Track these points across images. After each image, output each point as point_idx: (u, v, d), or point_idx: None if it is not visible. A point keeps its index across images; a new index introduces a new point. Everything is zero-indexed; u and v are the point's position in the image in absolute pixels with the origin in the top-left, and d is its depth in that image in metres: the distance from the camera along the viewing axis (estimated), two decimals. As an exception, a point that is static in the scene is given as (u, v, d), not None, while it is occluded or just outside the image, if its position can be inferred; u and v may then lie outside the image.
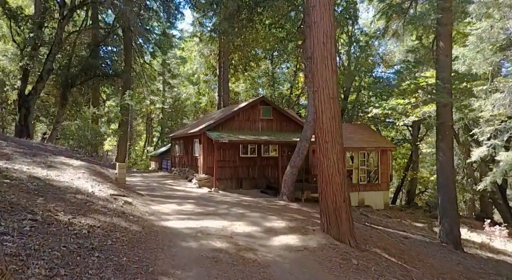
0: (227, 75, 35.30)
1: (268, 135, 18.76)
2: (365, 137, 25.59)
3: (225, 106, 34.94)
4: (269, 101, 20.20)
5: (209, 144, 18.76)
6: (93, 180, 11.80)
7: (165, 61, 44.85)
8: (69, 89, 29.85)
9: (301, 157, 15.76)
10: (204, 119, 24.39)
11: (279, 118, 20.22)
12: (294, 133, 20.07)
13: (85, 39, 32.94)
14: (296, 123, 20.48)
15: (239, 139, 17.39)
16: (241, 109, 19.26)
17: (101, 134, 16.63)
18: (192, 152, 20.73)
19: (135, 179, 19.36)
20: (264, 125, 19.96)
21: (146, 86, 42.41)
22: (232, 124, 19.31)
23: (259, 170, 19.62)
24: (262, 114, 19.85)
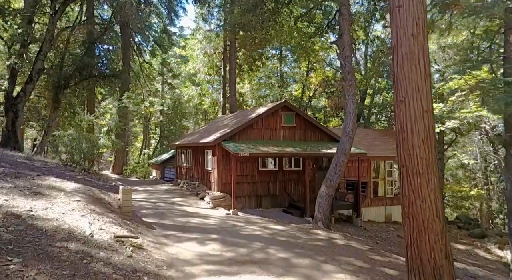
0: (234, 76, 32.73)
1: (292, 146, 16.25)
2: (391, 145, 23.16)
3: (232, 109, 32.39)
4: (292, 106, 17.68)
5: (224, 156, 16.23)
6: (91, 212, 9.22)
7: (165, 60, 42.18)
8: (61, 90, 27.13)
9: (339, 175, 13.27)
10: (213, 126, 21.82)
11: (303, 126, 17.72)
12: (320, 142, 17.57)
13: (79, 36, 30.19)
14: (321, 131, 17.98)
15: (261, 151, 14.86)
16: (260, 116, 16.72)
17: (99, 146, 14.03)
18: (203, 164, 18.16)
19: (139, 197, 16.75)
20: (286, 133, 17.44)
21: (145, 87, 39.77)
22: (250, 133, 16.78)
23: (280, 185, 17.10)
24: (284, 121, 17.34)
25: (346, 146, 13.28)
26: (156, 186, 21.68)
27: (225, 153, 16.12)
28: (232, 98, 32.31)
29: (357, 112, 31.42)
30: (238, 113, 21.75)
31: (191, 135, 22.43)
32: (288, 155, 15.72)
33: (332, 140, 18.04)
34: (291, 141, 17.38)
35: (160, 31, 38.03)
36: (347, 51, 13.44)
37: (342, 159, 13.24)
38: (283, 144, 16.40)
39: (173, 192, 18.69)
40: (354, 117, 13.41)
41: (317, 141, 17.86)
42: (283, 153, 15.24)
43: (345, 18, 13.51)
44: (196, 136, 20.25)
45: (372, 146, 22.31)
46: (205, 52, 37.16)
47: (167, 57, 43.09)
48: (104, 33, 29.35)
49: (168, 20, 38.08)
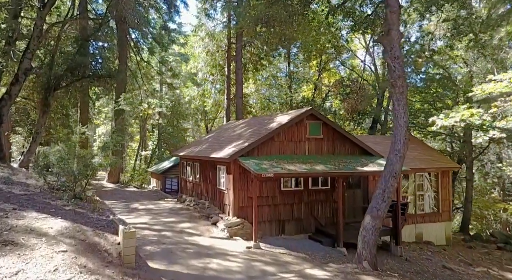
0: (241, 76, 30.26)
1: (321, 162, 13.80)
2: (420, 155, 20.81)
3: (238, 113, 29.91)
4: (319, 114, 15.19)
5: (241, 174, 13.77)
6: (81, 272, 6.80)
7: (165, 58, 39.53)
8: (51, 92, 24.49)
9: (388, 203, 10.84)
10: (222, 134, 19.32)
11: (331, 137, 15.27)
12: (351, 157, 15.14)
13: (71, 33, 27.52)
14: (352, 143, 15.55)
15: (288, 171, 12.40)
16: (282, 127, 14.24)
17: (92, 167, 11.52)
18: (214, 181, 15.68)
19: (140, 221, 14.24)
20: (312, 146, 14.99)
21: (143, 87, 37.15)
22: (271, 147, 14.31)
23: (305, 207, 14.67)
24: (310, 131, 14.88)
25: (396, 167, 10.85)
26: (159, 203, 19.15)
27: (242, 171, 13.66)
28: (239, 101, 29.81)
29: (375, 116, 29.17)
30: (251, 120, 19.24)
31: (198, 144, 19.90)
32: (320, 174, 13.28)
33: (364, 153, 15.62)
34: (318, 155, 14.93)
35: (159, 27, 35.35)
36: (397, 50, 10.99)
37: (391, 183, 10.81)
38: (310, 160, 13.94)
39: (180, 214, 16.19)
40: (406, 132, 10.98)
41: (347, 154, 15.42)
42: (314, 172, 12.80)
43: (394, 11, 11.05)
44: (205, 147, 17.74)
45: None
46: (207, 50, 34.56)
47: (166, 55, 40.45)
48: (99, 29, 26.70)
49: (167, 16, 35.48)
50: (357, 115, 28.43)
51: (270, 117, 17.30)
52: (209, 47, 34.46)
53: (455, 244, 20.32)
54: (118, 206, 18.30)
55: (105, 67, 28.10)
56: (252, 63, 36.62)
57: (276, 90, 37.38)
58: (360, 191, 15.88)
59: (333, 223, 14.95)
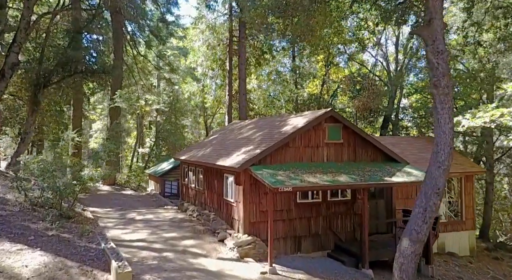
0: (244, 72, 28.49)
1: (343, 171, 12.17)
2: (441, 158, 19.16)
3: (241, 111, 28.20)
4: (340, 116, 13.50)
5: (253, 185, 12.12)
6: None
7: (162, 52, 37.68)
8: (41, 89, 22.70)
9: (430, 224, 9.21)
10: (228, 136, 17.63)
11: (352, 141, 13.60)
12: (374, 164, 13.50)
13: (63, 25, 25.62)
14: (375, 148, 13.89)
15: (309, 184, 10.75)
16: (298, 131, 12.56)
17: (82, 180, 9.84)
18: (220, 191, 14.02)
19: (137, 237, 12.58)
20: (331, 152, 13.32)
21: (140, 83, 35.33)
22: (286, 153, 12.65)
23: (324, 221, 13.05)
24: (328, 136, 13.21)
25: (440, 182, 9.21)
26: (158, 212, 17.48)
27: (253, 181, 12.00)
28: (242, 98, 28.07)
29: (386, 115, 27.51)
30: (259, 122, 17.52)
31: (200, 147, 18.20)
32: (344, 187, 11.64)
33: (388, 160, 13.98)
34: (338, 162, 13.27)
35: (157, 20, 33.47)
36: (440, 43, 9.29)
37: (434, 201, 9.17)
38: (330, 169, 12.29)
39: (182, 227, 14.53)
40: (451, 141, 9.32)
41: (370, 161, 13.78)
42: (337, 185, 11.16)
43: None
44: (209, 152, 16.06)
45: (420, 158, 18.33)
46: (208, 44, 32.68)
47: (164, 49, 38.59)
48: (92, 20, 24.85)
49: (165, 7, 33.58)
50: (369, 113, 26.80)
51: (282, 118, 15.60)
52: (210, 40, 32.59)
53: (479, 254, 18.79)
54: (114, 216, 16.63)
55: (99, 61, 26.31)
56: (254, 58, 34.85)
57: (281, 86, 35.57)
58: (383, 201, 14.27)
59: (354, 238, 13.36)
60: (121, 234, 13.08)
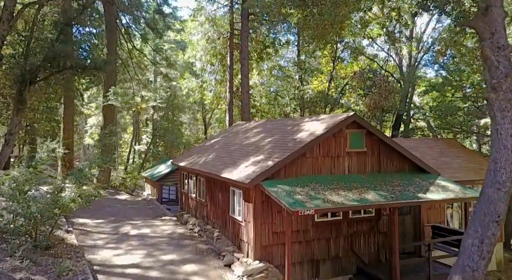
0: (246, 67, 26.67)
1: (366, 185, 10.52)
2: (464, 162, 17.58)
3: (244, 109, 26.44)
4: (363, 121, 11.78)
5: (264, 202, 10.46)
6: None
7: (159, 46, 35.71)
8: (27, 87, 20.81)
9: (487, 260, 7.57)
10: (232, 140, 15.89)
11: (376, 150, 11.91)
12: (401, 175, 11.84)
13: (50, 16, 23.65)
14: (401, 157, 12.20)
15: (334, 205, 9.08)
16: (317, 140, 10.83)
17: (62, 204, 8.13)
18: (226, 207, 12.33)
19: (129, 261, 10.88)
20: (353, 162, 11.63)
21: (135, 79, 33.45)
22: (302, 165, 10.96)
23: (345, 242, 11.40)
24: (350, 144, 11.50)
25: (500, 208, 7.55)
26: (155, 225, 15.77)
27: (265, 198, 10.33)
28: (244, 95, 26.28)
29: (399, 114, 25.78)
30: (267, 124, 15.75)
31: (201, 152, 16.46)
32: (376, 206, 9.94)
33: (417, 170, 12.30)
34: (360, 173, 11.60)
35: (153, 11, 31.48)
36: (501, 37, 7.59)
37: (492, 231, 7.52)
38: (354, 183, 10.62)
39: (182, 245, 12.84)
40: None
41: (396, 172, 12.10)
42: (368, 205, 9.49)
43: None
44: (211, 159, 14.33)
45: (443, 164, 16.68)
46: (207, 37, 30.82)
47: (161, 43, 36.62)
48: (82, 11, 22.90)
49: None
50: (381, 112, 25.10)
51: (294, 122, 13.86)
52: (209, 33, 30.78)
53: (507, 268, 17.25)
54: (105, 229, 14.94)
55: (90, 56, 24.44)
56: (256, 52, 33.07)
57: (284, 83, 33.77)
58: (410, 216, 12.63)
59: (378, 260, 11.75)
60: (112, 256, 11.40)
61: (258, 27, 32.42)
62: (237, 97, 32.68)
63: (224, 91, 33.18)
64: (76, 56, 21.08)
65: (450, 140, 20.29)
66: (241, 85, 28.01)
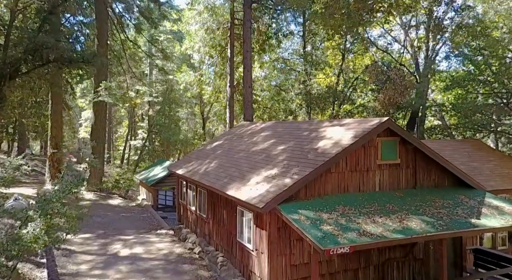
0: (249, 59, 24.64)
1: (404, 206, 8.65)
2: (497, 168, 15.80)
3: (247, 106, 24.50)
4: (397, 128, 9.83)
5: (281, 229, 8.58)
6: None
7: (154, 37, 33.55)
8: (6, 81, 18.80)
9: None
10: (237, 145, 13.92)
11: (411, 161, 9.99)
12: (441, 192, 9.96)
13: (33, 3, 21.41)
14: (440, 168, 10.29)
15: (373, 239, 7.21)
16: (346, 152, 8.88)
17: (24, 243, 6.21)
18: (232, 228, 10.43)
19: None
20: (385, 177, 9.73)
21: (129, 72, 31.30)
22: (326, 182, 9.06)
23: (375, 273, 9.58)
24: (382, 155, 9.58)
25: None
26: (150, 241, 13.85)
27: (282, 224, 8.44)
28: (247, 91, 24.28)
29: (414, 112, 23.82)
30: (277, 127, 13.75)
31: (202, 158, 14.51)
32: (424, 238, 7.97)
33: (458, 184, 10.41)
34: (393, 190, 9.70)
35: (148, 0, 29.25)
36: None
37: None
38: (389, 204, 8.74)
39: (181, 272, 10.94)
40: None
41: (433, 187, 10.21)
42: (415, 236, 7.59)
43: None
44: (214, 168, 12.40)
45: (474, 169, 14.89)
46: (206, 27, 28.68)
47: (157, 34, 34.43)
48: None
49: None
50: (396, 109, 23.13)
51: (310, 125, 11.89)
52: (208, 23, 28.65)
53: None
54: (92, 248, 13.04)
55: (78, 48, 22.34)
56: (258, 43, 30.98)
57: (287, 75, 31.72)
58: (449, 241, 10.74)
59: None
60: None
61: (260, 17, 30.38)
62: (238, 92, 30.69)
63: (224, 85, 31.17)
64: (62, 47, 18.94)
65: (476, 141, 18.41)
66: (242, 79, 25.98)
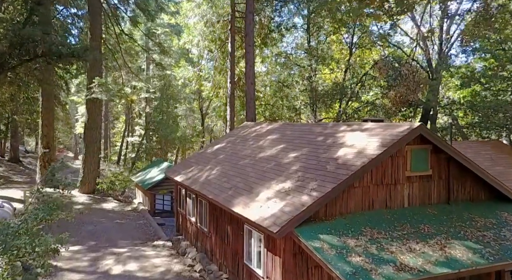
0: (252, 55, 23.24)
1: (441, 226, 7.41)
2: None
3: (249, 104, 23.06)
4: (430, 134, 8.53)
5: (297, 255, 7.31)
6: None
7: (151, 30, 32.06)
8: (-10, 79, 17.43)
9: None
10: (241, 149, 12.61)
11: (444, 172, 8.71)
12: (479, 207, 8.67)
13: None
14: (476, 179, 9.00)
15: (415, 275, 5.88)
16: (373, 163, 7.57)
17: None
18: (239, 249, 9.15)
19: None
20: (415, 191, 8.45)
21: (124, 67, 29.90)
22: (349, 198, 7.77)
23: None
24: (412, 165, 8.29)
25: None
26: (145, 255, 12.57)
27: (298, 250, 7.16)
28: (250, 87, 22.89)
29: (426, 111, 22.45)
30: (286, 130, 12.42)
31: (202, 162, 13.20)
32: (475, 271, 6.65)
33: (493, 197, 9.14)
34: (425, 205, 8.43)
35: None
36: None
37: None
38: (423, 225, 7.50)
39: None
40: None
41: (469, 201, 8.94)
42: (462, 270, 6.28)
43: None
44: (216, 175, 11.10)
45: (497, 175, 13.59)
46: (205, 20, 27.26)
47: (154, 27, 32.93)
48: (57, -12, 19.29)
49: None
50: (408, 107, 21.83)
51: (324, 129, 10.56)
52: (208, 16, 27.24)
53: None
54: (81, 265, 11.77)
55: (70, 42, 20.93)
56: (259, 37, 29.60)
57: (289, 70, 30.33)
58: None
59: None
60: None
61: (263, 9, 28.97)
62: (239, 88, 29.35)
63: (224, 81, 29.81)
64: (50, 41, 17.52)
65: (497, 143, 17.16)
66: (244, 75, 24.60)
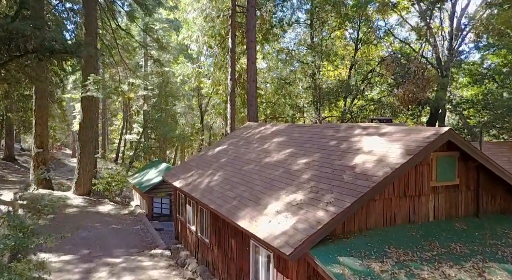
0: (254, 51, 22.31)
1: (474, 243, 6.57)
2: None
3: (251, 103, 22.21)
4: (459, 140, 7.65)
5: (311, 278, 6.40)
6: None
7: (149, 25, 31.08)
8: (-22, 76, 16.49)
9: None
10: (245, 153, 11.73)
11: (473, 181, 7.86)
12: (509, 219, 7.79)
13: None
14: (506, 188, 8.15)
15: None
16: (397, 173, 6.69)
17: None
18: (245, 267, 8.30)
19: None
20: (441, 203, 7.60)
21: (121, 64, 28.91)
22: (369, 213, 6.89)
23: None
24: (438, 174, 7.42)
25: None
26: (141, 267, 11.70)
27: (313, 272, 6.29)
28: (251, 85, 21.99)
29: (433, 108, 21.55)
30: (293, 131, 11.51)
31: (202, 167, 12.32)
32: None
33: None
34: (451, 219, 7.57)
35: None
36: None
37: None
38: (453, 242, 6.65)
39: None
40: None
41: (499, 213, 8.10)
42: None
43: None
44: (218, 181, 10.23)
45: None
46: (205, 15, 26.32)
47: (151, 22, 31.95)
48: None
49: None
50: (417, 106, 20.95)
51: (337, 132, 9.66)
52: (207, 10, 26.32)
53: None
54: (72, 278, 10.90)
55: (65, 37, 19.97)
56: (261, 33, 28.70)
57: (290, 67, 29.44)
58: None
59: None
60: None
61: (264, 3, 28.03)
62: (240, 85, 28.43)
63: (224, 78, 28.90)
64: (41, 36, 16.57)
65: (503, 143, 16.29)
66: (246, 72, 23.72)
